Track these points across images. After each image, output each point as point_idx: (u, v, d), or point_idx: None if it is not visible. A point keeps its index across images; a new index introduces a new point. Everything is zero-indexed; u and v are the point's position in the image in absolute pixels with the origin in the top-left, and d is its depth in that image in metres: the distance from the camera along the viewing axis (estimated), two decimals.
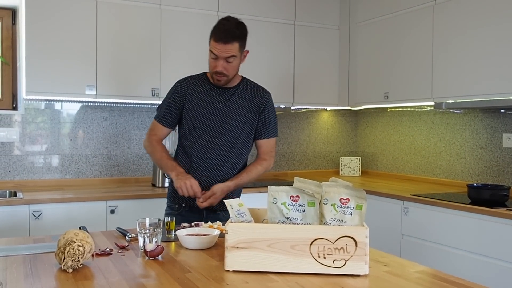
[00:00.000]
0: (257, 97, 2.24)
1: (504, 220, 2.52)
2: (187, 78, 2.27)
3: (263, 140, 2.27)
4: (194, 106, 2.18)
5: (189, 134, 2.20)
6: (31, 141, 3.37)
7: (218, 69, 2.09)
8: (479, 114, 3.41)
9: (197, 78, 2.25)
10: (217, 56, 2.08)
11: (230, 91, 2.21)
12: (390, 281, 1.34)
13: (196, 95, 2.19)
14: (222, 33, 2.07)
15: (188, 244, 1.67)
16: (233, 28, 2.09)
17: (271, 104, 2.29)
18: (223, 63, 2.08)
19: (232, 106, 2.19)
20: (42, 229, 2.79)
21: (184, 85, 2.22)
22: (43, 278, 1.34)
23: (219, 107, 2.18)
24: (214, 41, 2.08)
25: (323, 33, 4.05)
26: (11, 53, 3.38)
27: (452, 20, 3.17)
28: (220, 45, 2.06)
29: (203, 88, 2.21)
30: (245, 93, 2.23)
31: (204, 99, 2.18)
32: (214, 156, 2.17)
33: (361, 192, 1.41)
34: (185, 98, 2.19)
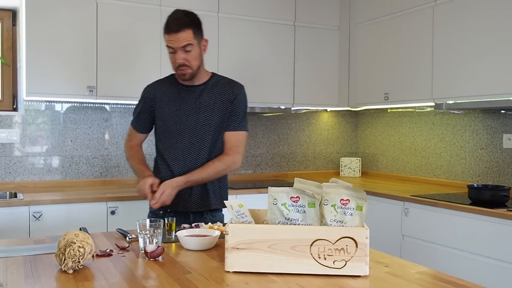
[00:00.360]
0: (228, 90, 2.17)
1: (505, 220, 2.52)
2: (155, 82, 2.26)
3: (229, 132, 2.15)
4: (165, 109, 2.16)
5: (163, 137, 2.18)
6: (31, 142, 3.37)
7: (178, 61, 2.05)
8: (480, 114, 3.41)
9: (165, 80, 2.24)
10: (173, 48, 2.04)
11: (200, 88, 2.16)
12: (390, 282, 1.34)
13: (165, 97, 2.17)
14: (171, 22, 2.04)
15: (188, 245, 1.66)
16: (182, 16, 2.06)
17: (242, 96, 2.19)
18: (181, 54, 2.04)
19: (203, 103, 2.13)
20: (42, 230, 2.79)
21: (151, 90, 2.21)
22: (44, 279, 1.34)
23: (190, 106, 2.13)
24: (167, 34, 2.05)
25: (323, 34, 4.06)
26: (11, 54, 3.39)
27: (452, 20, 3.17)
28: (172, 36, 2.03)
29: (172, 90, 2.18)
30: (216, 88, 2.17)
31: (174, 100, 2.16)
32: (191, 157, 2.12)
33: (361, 193, 1.41)
34: (154, 102, 2.18)
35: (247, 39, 3.72)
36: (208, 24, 3.65)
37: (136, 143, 2.29)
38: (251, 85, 3.75)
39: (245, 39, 3.71)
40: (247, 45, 3.73)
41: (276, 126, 4.24)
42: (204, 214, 2.17)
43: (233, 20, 3.66)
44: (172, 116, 2.14)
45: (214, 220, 2.18)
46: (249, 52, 3.74)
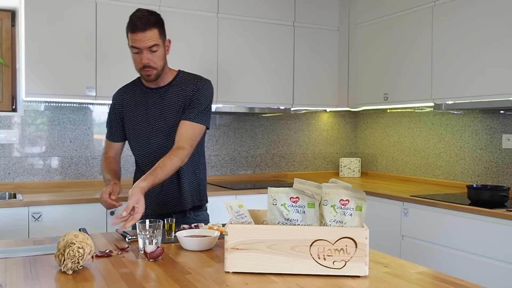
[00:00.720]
0: (192, 85, 2.09)
1: (504, 221, 2.52)
2: (122, 87, 2.22)
3: (186, 122, 2.01)
4: (132, 114, 2.13)
5: (134, 143, 2.15)
6: (30, 143, 3.37)
7: (144, 61, 1.98)
8: (479, 115, 3.41)
9: (132, 84, 2.20)
10: (139, 48, 1.97)
11: (164, 89, 2.10)
12: (390, 282, 1.34)
13: (132, 102, 2.14)
14: (137, 21, 1.96)
15: (188, 246, 1.66)
16: (147, 15, 1.99)
17: (205, 90, 2.09)
18: (147, 54, 1.97)
19: (167, 104, 2.08)
20: (41, 231, 2.78)
21: (118, 96, 2.20)
22: (43, 280, 1.34)
23: (156, 108, 2.09)
24: (132, 33, 1.96)
25: (323, 34, 4.06)
26: (10, 55, 3.38)
27: (452, 21, 3.17)
28: (139, 35, 1.95)
29: (138, 94, 2.14)
30: (180, 86, 2.10)
31: (140, 104, 2.12)
32: None
33: (361, 193, 1.41)
34: (122, 108, 2.16)
35: (247, 40, 3.72)
36: (208, 24, 3.68)
37: (111, 154, 2.21)
38: (250, 85, 3.76)
39: (244, 40, 3.72)
40: (247, 45, 3.73)
41: (276, 127, 4.24)
42: (186, 213, 2.15)
43: (232, 20, 3.66)
44: (140, 121, 2.11)
45: (198, 219, 2.16)
46: (249, 53, 3.74)
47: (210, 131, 3.93)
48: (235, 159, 4.07)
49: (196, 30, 3.52)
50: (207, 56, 3.58)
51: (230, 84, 3.66)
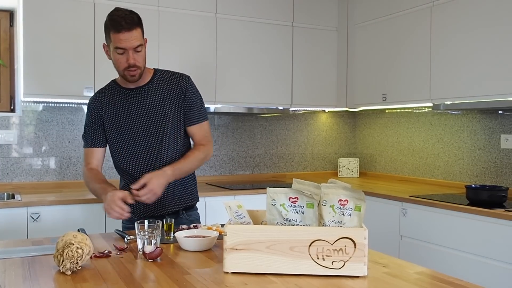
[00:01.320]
0: (176, 83, 2.09)
1: (502, 221, 2.52)
2: (97, 92, 2.15)
3: (194, 126, 2.12)
4: (114, 117, 2.06)
5: (118, 147, 2.08)
6: (29, 143, 3.37)
7: (130, 61, 1.94)
8: (477, 115, 3.42)
9: (107, 88, 2.14)
10: (124, 49, 1.93)
11: (146, 88, 2.08)
12: (389, 282, 1.34)
13: (112, 105, 2.08)
14: (122, 21, 1.91)
15: (187, 246, 1.66)
16: (130, 14, 1.96)
17: (193, 87, 2.13)
18: (132, 54, 1.94)
19: (152, 103, 2.06)
20: (40, 231, 2.78)
21: (96, 100, 2.11)
22: (42, 280, 1.34)
23: (140, 108, 2.05)
24: (117, 33, 1.91)
25: (321, 34, 4.06)
26: (8, 55, 3.38)
27: (450, 21, 3.18)
28: (125, 35, 1.90)
29: (117, 96, 2.09)
30: (162, 84, 2.09)
31: (121, 107, 2.07)
32: (151, 160, 2.05)
33: (359, 194, 1.41)
34: (102, 112, 2.08)
35: (245, 40, 3.72)
36: (206, 24, 3.68)
37: (93, 166, 2.11)
38: (249, 85, 3.76)
39: (243, 40, 3.72)
40: (245, 45, 3.73)
41: (274, 127, 4.25)
42: (179, 214, 2.14)
43: (231, 21, 3.66)
44: (123, 123, 2.06)
45: (190, 219, 2.16)
46: (247, 53, 3.74)
47: None
48: (234, 160, 4.07)
49: (195, 30, 3.52)
50: (206, 56, 3.58)
51: (228, 85, 3.66)
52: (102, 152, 2.15)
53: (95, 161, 2.13)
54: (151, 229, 1.60)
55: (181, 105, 2.10)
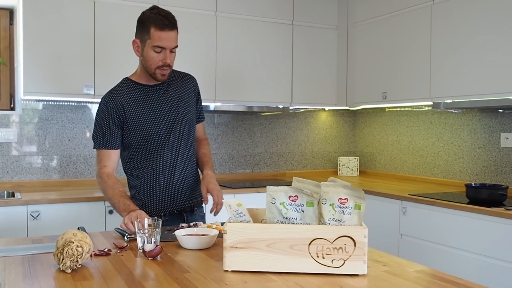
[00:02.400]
0: (189, 82, 2.21)
1: (502, 219, 2.53)
2: (112, 92, 2.08)
3: (201, 124, 2.31)
4: (138, 114, 2.03)
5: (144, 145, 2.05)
6: (29, 142, 3.37)
7: (167, 61, 1.98)
8: (477, 114, 3.42)
9: (123, 86, 2.10)
10: (163, 48, 1.96)
11: (164, 85, 2.11)
12: (388, 280, 1.34)
13: (134, 103, 2.04)
14: (165, 19, 1.94)
15: (186, 244, 1.66)
16: (170, 13, 2.00)
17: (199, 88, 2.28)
18: (169, 53, 1.98)
19: (172, 99, 2.11)
20: (40, 229, 2.78)
21: (115, 100, 2.04)
22: (42, 278, 1.34)
23: (162, 104, 2.08)
24: (159, 30, 1.93)
25: (321, 33, 4.06)
26: (8, 54, 3.38)
27: (450, 20, 3.18)
28: (167, 34, 1.94)
29: (137, 93, 2.06)
30: (176, 81, 2.16)
31: (144, 103, 2.05)
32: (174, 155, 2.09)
33: (359, 192, 1.41)
34: (123, 112, 2.02)
35: (245, 38, 3.72)
36: (206, 23, 3.67)
37: (110, 169, 2.03)
38: (249, 84, 3.76)
39: (243, 38, 3.71)
40: (245, 44, 3.72)
41: (274, 125, 4.25)
42: (194, 211, 2.19)
43: (231, 19, 3.66)
44: (147, 119, 2.04)
45: (201, 215, 2.23)
46: (247, 51, 3.74)
47: (209, 130, 3.93)
48: (234, 158, 4.07)
49: (195, 28, 3.52)
50: (206, 54, 3.58)
51: (228, 83, 3.66)
52: (118, 155, 2.08)
53: (111, 164, 2.04)
54: (151, 227, 1.60)
55: (195, 103, 2.22)
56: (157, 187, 2.09)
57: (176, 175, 2.11)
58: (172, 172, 2.10)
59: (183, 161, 2.13)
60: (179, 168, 2.12)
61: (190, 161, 2.18)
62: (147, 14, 1.99)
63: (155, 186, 2.09)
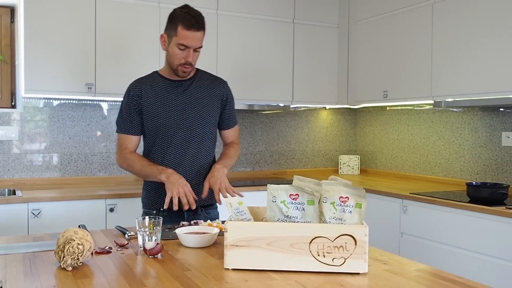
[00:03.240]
0: (217, 86, 2.21)
1: (503, 218, 2.52)
2: (138, 79, 2.18)
3: (232, 129, 2.28)
4: (153, 105, 2.09)
5: (155, 137, 2.11)
6: (29, 140, 3.37)
7: (189, 59, 2.03)
8: (478, 112, 3.41)
9: (148, 77, 2.17)
10: (187, 47, 2.01)
11: (188, 82, 2.15)
12: (389, 279, 1.34)
13: (152, 93, 2.11)
14: (193, 19, 2.00)
15: (187, 242, 1.67)
16: (200, 14, 2.04)
17: (231, 93, 2.27)
18: (192, 52, 2.04)
19: (192, 96, 2.13)
20: (41, 227, 2.79)
21: (136, 87, 2.13)
22: (43, 276, 1.34)
23: (179, 99, 2.11)
24: (186, 29, 1.99)
25: (322, 31, 4.05)
26: (9, 51, 3.38)
27: (451, 18, 3.17)
28: (193, 33, 2.00)
29: (158, 85, 2.13)
30: (203, 82, 2.18)
31: (161, 96, 2.11)
32: (183, 152, 2.10)
33: (360, 191, 1.41)
34: (141, 99, 2.10)
35: (246, 37, 3.72)
36: (207, 21, 3.64)
37: (132, 149, 2.12)
38: (250, 82, 3.76)
39: (244, 37, 3.71)
40: (246, 42, 3.72)
41: (275, 124, 4.24)
42: (198, 210, 2.15)
43: (232, 17, 3.66)
44: (161, 111, 2.09)
45: (209, 217, 2.17)
46: (248, 50, 3.73)
47: None
48: None
49: None
50: (207, 53, 3.57)
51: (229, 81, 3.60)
52: (138, 141, 2.16)
53: (132, 146, 2.13)
54: (152, 225, 1.60)
55: (219, 107, 2.20)
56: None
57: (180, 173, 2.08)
58: (176, 170, 2.08)
59: (191, 160, 2.12)
60: (184, 167, 2.11)
61: (200, 162, 2.15)
62: (177, 11, 2.04)
63: None
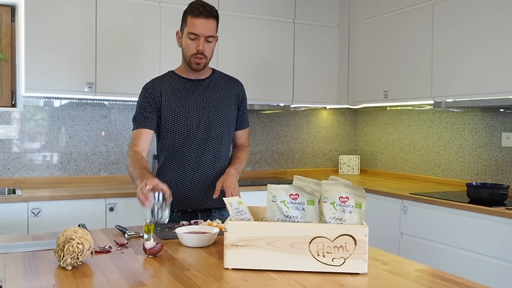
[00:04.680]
0: (233, 86, 2.21)
1: (503, 219, 2.52)
2: (155, 79, 2.17)
3: (243, 131, 2.27)
4: (172, 103, 2.09)
5: (174, 136, 2.10)
6: (30, 139, 3.37)
7: (199, 48, 2.02)
8: (479, 113, 3.41)
9: (165, 77, 2.17)
10: (197, 35, 2.01)
11: (205, 82, 2.15)
12: (389, 279, 1.34)
13: (171, 92, 2.10)
14: (202, 8, 2.01)
15: (187, 242, 1.67)
16: (209, 5, 2.06)
17: (245, 95, 2.27)
18: (203, 42, 2.02)
19: (211, 96, 2.13)
20: (41, 226, 2.79)
21: (154, 86, 2.12)
22: (42, 275, 1.34)
23: (198, 100, 2.11)
24: (194, 17, 2.00)
25: (323, 31, 4.05)
26: (10, 50, 3.38)
27: (452, 18, 3.17)
28: (202, 21, 2.00)
29: (176, 85, 2.13)
30: (220, 82, 2.18)
31: (181, 95, 2.11)
32: (200, 151, 2.10)
33: (360, 191, 1.41)
34: (160, 98, 2.09)
35: (247, 36, 3.72)
36: None
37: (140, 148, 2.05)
38: (250, 82, 3.74)
39: (244, 36, 3.71)
40: (247, 42, 3.72)
41: (275, 124, 4.24)
42: (212, 212, 2.16)
43: (232, 17, 3.66)
44: (180, 111, 2.09)
45: (223, 218, 2.15)
46: (249, 49, 3.73)
47: None
48: None
49: None
50: None
51: None
52: (150, 136, 2.11)
53: (141, 143, 2.07)
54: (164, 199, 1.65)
55: (236, 108, 2.20)
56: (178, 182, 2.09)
57: (199, 174, 2.10)
58: (195, 171, 2.10)
59: (211, 161, 2.12)
60: (204, 167, 2.11)
61: (219, 163, 2.15)
62: (189, 5, 2.08)
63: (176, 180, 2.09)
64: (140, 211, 2.30)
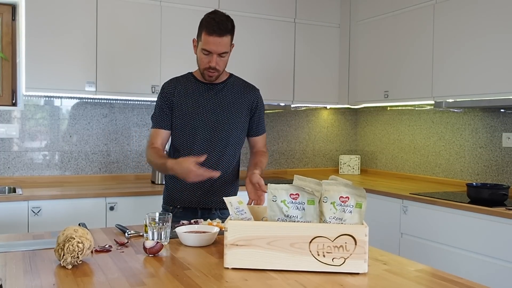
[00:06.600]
0: (248, 93, 2.24)
1: (503, 219, 2.52)
2: (173, 79, 2.23)
3: (260, 136, 2.29)
4: (183, 105, 2.14)
5: (182, 135, 2.15)
6: (30, 138, 3.37)
7: (212, 64, 2.06)
8: (479, 113, 3.41)
9: (183, 77, 2.22)
10: (210, 52, 2.05)
11: (219, 86, 2.18)
12: (389, 279, 1.34)
13: (184, 93, 2.16)
14: (216, 25, 2.03)
15: (187, 241, 1.67)
16: (225, 20, 2.06)
17: (262, 100, 2.29)
18: (216, 58, 2.07)
19: (222, 100, 2.16)
20: (41, 225, 2.79)
21: (170, 86, 2.19)
22: (43, 274, 1.34)
23: (209, 103, 2.14)
24: (208, 35, 2.03)
25: (324, 31, 4.05)
26: (10, 49, 3.38)
27: (453, 19, 3.17)
28: (215, 39, 2.02)
29: (191, 86, 2.18)
30: (235, 88, 2.21)
31: (192, 97, 2.15)
32: (210, 153, 2.11)
33: (361, 191, 1.41)
34: (173, 97, 2.15)
35: (247, 36, 3.71)
36: None
37: (157, 145, 2.15)
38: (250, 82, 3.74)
39: (245, 36, 3.71)
40: (247, 42, 3.72)
41: (276, 123, 4.24)
42: (212, 210, 2.17)
43: (233, 16, 3.61)
44: (190, 112, 2.13)
45: (223, 217, 2.17)
46: (249, 49, 3.73)
47: None
48: None
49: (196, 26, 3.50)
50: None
51: None
52: (167, 135, 2.19)
53: (159, 141, 2.17)
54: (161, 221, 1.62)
55: (248, 114, 2.22)
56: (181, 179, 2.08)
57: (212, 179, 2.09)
58: None
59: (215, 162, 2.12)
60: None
61: (223, 164, 2.16)
62: (205, 17, 2.09)
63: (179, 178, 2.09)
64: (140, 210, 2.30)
